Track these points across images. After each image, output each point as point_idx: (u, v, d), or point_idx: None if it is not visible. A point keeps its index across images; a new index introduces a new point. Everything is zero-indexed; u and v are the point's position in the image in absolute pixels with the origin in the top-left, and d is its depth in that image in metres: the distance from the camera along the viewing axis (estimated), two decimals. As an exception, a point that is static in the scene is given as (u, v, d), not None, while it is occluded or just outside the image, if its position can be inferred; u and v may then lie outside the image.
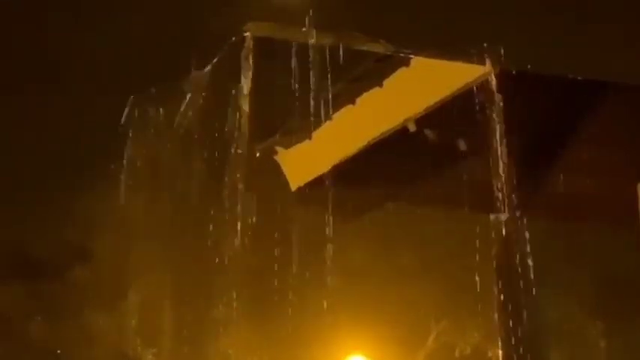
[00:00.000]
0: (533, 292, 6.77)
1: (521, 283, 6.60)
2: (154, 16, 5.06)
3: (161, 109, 6.13)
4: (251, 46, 5.44)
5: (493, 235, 6.59)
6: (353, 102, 6.80)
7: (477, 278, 7.07)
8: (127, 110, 6.17)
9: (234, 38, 5.32)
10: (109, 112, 6.42)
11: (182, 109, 6.06)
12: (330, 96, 6.48)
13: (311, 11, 5.13)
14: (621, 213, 7.30)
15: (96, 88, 5.95)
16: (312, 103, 6.15)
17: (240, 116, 5.86)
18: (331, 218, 7.20)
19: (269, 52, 5.57)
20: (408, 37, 5.48)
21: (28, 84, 5.99)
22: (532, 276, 6.75)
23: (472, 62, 5.68)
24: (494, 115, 5.96)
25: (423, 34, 5.39)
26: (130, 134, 6.48)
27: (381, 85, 6.58)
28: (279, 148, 7.43)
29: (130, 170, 7.10)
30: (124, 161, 6.98)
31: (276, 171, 7.43)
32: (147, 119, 6.18)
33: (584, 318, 8.44)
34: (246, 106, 5.81)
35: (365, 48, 5.51)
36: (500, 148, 6.07)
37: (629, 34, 5.44)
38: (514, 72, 5.78)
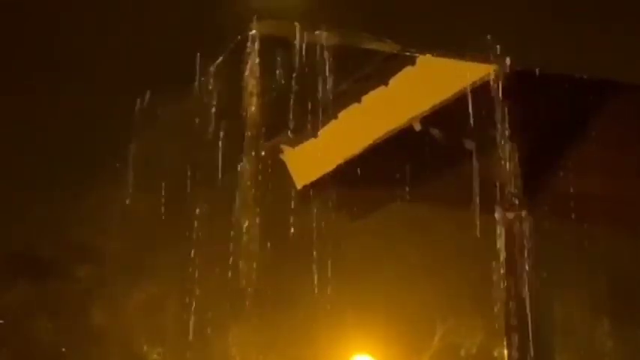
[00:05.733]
0: (540, 292, 6.75)
1: (528, 282, 6.58)
2: (158, 14, 5.05)
3: (166, 108, 6.12)
4: (257, 45, 5.43)
5: (499, 235, 6.57)
6: (359, 101, 6.79)
7: (483, 278, 7.05)
8: (132, 109, 6.16)
9: (240, 36, 5.31)
10: (115, 111, 6.41)
11: (187, 107, 6.04)
12: (336, 95, 6.47)
13: (317, 10, 5.11)
14: (629, 213, 7.28)
15: (100, 87, 5.94)
16: (317, 101, 6.13)
17: (246, 115, 5.85)
18: (337, 217, 7.19)
19: (275, 50, 5.56)
20: (414, 36, 5.47)
21: (32, 84, 5.98)
22: (538, 276, 6.72)
23: (478, 61, 5.66)
24: (500, 114, 5.94)
25: (428, 33, 5.38)
26: (136, 133, 6.47)
27: (386, 84, 6.56)
28: (285, 147, 7.41)
29: (135, 170, 7.10)
30: (130, 161, 6.97)
31: (282, 170, 7.41)
32: (152, 118, 6.17)
33: (591, 318, 8.42)
34: (251, 105, 5.80)
35: (371, 47, 5.49)
36: (506, 147, 6.05)
37: (636, 33, 5.42)
38: (521, 71, 5.77)
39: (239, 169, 6.29)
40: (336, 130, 6.97)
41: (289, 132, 7.03)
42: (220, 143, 6.40)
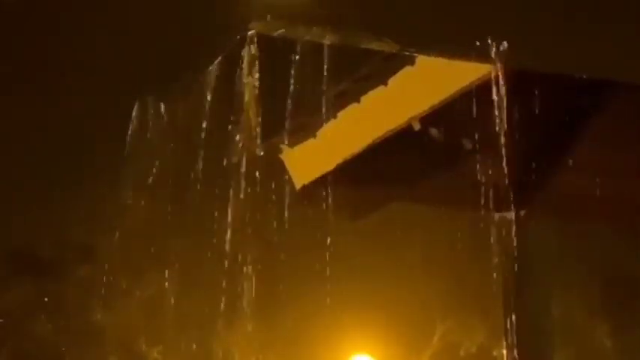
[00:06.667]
0: (539, 292, 6.74)
1: (527, 282, 6.58)
2: (157, 13, 5.04)
3: (164, 108, 6.11)
4: (255, 44, 5.42)
5: (498, 235, 6.57)
6: (358, 100, 6.78)
7: (482, 278, 7.05)
8: (131, 109, 6.15)
9: (238, 36, 5.30)
10: (115, 111, 6.40)
11: (185, 107, 6.03)
12: (335, 94, 6.46)
13: (316, 9, 5.10)
14: (628, 213, 7.27)
15: (98, 88, 5.93)
16: (316, 101, 6.13)
17: (244, 115, 5.84)
18: (336, 217, 7.18)
19: (273, 50, 5.55)
20: (414, 36, 5.45)
21: (31, 85, 5.97)
22: (537, 276, 6.72)
23: (478, 61, 5.65)
24: (499, 114, 5.93)
25: (428, 33, 5.36)
26: (134, 133, 6.46)
27: (385, 84, 6.55)
28: (283, 147, 7.40)
29: (133, 170, 7.09)
30: (128, 161, 6.96)
31: (281, 169, 7.40)
32: (150, 118, 6.16)
33: (590, 318, 8.40)
34: (250, 105, 5.79)
35: (370, 46, 5.48)
36: (505, 147, 6.04)
37: (636, 33, 5.41)
38: (521, 71, 5.75)
39: (237, 169, 6.28)
40: (335, 130, 6.96)
41: (288, 132, 7.02)
42: (219, 143, 6.39)
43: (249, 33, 5.29)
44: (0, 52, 5.55)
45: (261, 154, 6.70)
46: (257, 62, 5.53)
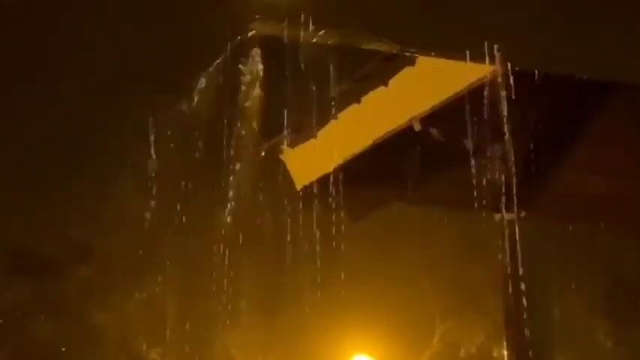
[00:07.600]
0: (539, 292, 6.75)
1: (527, 283, 6.59)
2: (157, 14, 5.05)
3: (165, 109, 6.13)
4: (256, 45, 5.43)
5: (499, 235, 6.58)
6: (358, 101, 6.79)
7: (482, 278, 7.06)
8: (132, 110, 6.16)
9: (239, 37, 5.31)
10: (115, 111, 6.42)
11: (186, 108, 6.04)
12: (336, 95, 6.47)
13: (316, 10, 5.11)
14: (630, 213, 7.28)
15: (99, 88, 5.94)
16: (317, 102, 6.14)
17: (245, 115, 5.85)
18: (336, 217, 7.19)
19: (274, 50, 5.56)
20: (414, 37, 5.46)
21: (31, 84, 5.98)
22: (538, 276, 6.73)
23: (478, 61, 5.66)
24: (500, 115, 5.94)
25: (428, 33, 5.37)
26: (135, 134, 6.47)
27: (386, 84, 6.56)
28: (284, 147, 7.42)
29: (134, 170, 7.10)
30: (129, 161, 6.97)
31: (282, 170, 7.41)
32: (151, 119, 6.18)
33: (590, 319, 8.41)
34: (251, 105, 5.80)
35: (371, 47, 5.49)
36: (506, 148, 6.05)
37: (636, 33, 5.42)
38: (520, 71, 5.76)
39: (238, 169, 6.29)
40: (335, 131, 6.97)
41: (288, 132, 7.03)
42: (220, 144, 6.40)
43: (250, 33, 5.30)
44: (0, 52, 5.56)
45: (262, 154, 6.71)
46: (257, 63, 5.54)
